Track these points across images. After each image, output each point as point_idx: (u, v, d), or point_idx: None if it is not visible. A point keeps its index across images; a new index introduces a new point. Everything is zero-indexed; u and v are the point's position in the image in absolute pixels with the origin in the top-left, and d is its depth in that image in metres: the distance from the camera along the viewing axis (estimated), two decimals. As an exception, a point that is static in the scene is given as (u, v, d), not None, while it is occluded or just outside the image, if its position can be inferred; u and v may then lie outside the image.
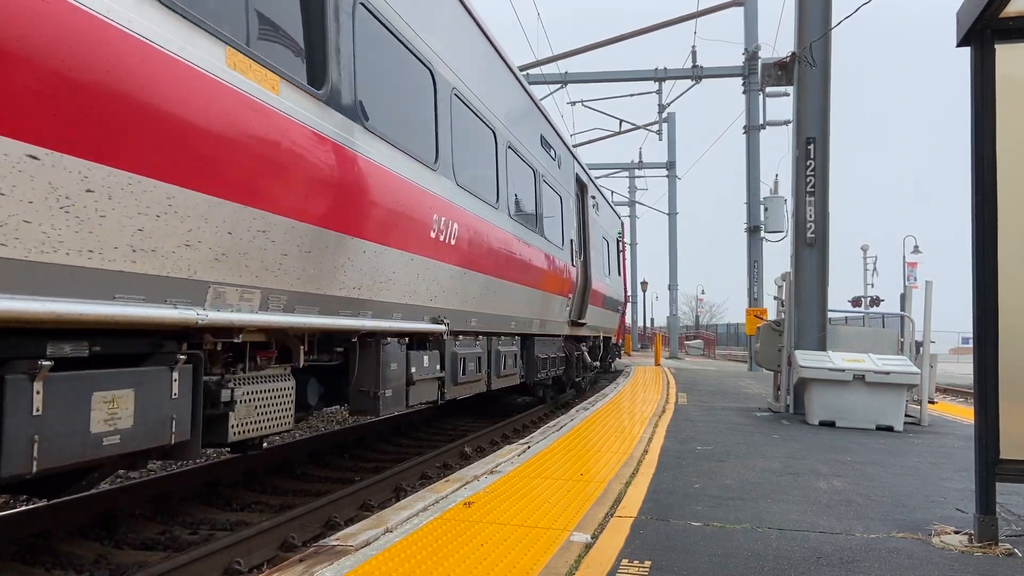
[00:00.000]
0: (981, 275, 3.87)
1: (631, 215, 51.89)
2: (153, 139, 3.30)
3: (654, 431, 8.18)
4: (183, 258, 3.58)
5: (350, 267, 5.09)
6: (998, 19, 3.82)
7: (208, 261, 3.74)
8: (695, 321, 74.46)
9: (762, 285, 23.50)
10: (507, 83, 9.43)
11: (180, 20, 3.49)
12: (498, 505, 4.56)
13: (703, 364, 31.72)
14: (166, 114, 3.35)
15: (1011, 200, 3.85)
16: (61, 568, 4.61)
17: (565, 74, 23.90)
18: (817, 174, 10.59)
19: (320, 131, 4.61)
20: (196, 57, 3.57)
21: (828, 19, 10.59)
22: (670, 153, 39.17)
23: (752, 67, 22.81)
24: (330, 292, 4.91)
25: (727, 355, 45.22)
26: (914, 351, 10.33)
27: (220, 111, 3.69)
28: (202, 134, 3.57)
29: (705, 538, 3.99)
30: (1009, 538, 4.06)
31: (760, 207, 23.01)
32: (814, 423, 9.04)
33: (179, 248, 3.54)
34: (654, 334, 47.69)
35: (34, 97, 2.75)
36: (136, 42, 3.21)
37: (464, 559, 3.49)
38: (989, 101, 3.87)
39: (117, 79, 3.09)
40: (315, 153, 4.54)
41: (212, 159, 3.65)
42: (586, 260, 14.35)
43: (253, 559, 4.82)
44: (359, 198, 5.11)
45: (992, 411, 3.83)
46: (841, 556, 3.72)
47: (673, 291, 41.86)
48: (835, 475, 5.89)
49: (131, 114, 3.18)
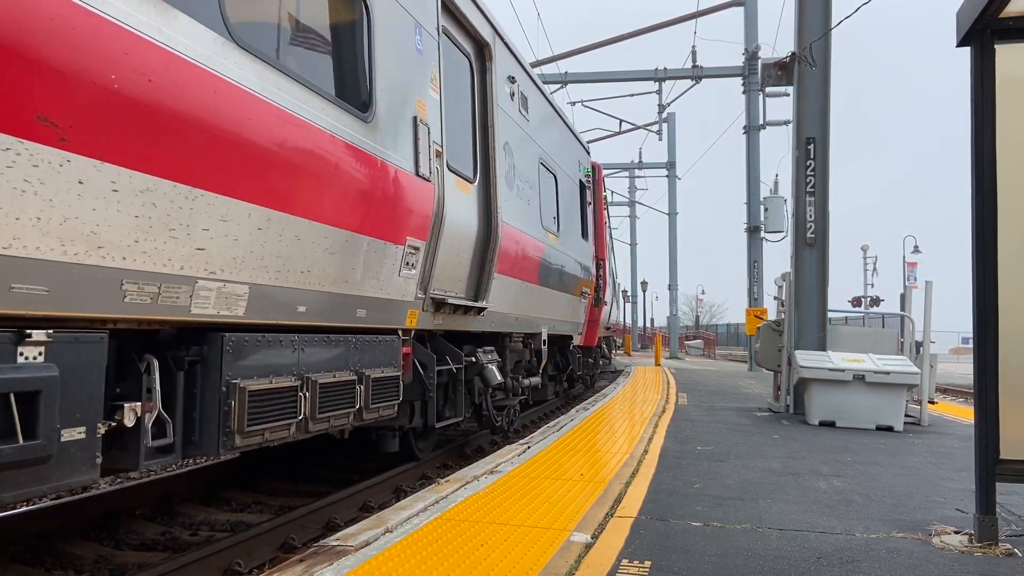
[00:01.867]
0: (981, 275, 3.87)
1: (631, 215, 51.94)
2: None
3: (654, 431, 8.18)
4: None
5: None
6: (998, 19, 3.82)
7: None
8: (695, 321, 74.47)
9: (762, 285, 23.50)
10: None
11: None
12: (498, 505, 4.56)
13: (703, 364, 31.71)
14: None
15: (1011, 200, 3.85)
16: (61, 568, 4.61)
17: (565, 74, 23.89)
18: (817, 174, 10.59)
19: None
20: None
21: (828, 19, 10.58)
22: (670, 153, 39.18)
23: (752, 67, 22.81)
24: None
25: (727, 355, 45.21)
26: (914, 351, 10.32)
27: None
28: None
29: (705, 538, 3.99)
30: (1009, 538, 4.06)
31: (760, 207, 23.01)
32: (814, 423, 9.04)
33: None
34: (654, 334, 47.70)
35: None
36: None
37: (464, 559, 3.49)
38: (989, 101, 3.86)
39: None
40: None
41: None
42: (487, 184, 7.71)
43: (253, 560, 4.81)
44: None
45: (992, 411, 3.82)
46: (841, 556, 3.72)
47: (673, 291, 41.86)
48: (835, 475, 5.89)
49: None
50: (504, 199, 7.94)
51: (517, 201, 8.62)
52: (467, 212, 7.03)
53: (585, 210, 13.33)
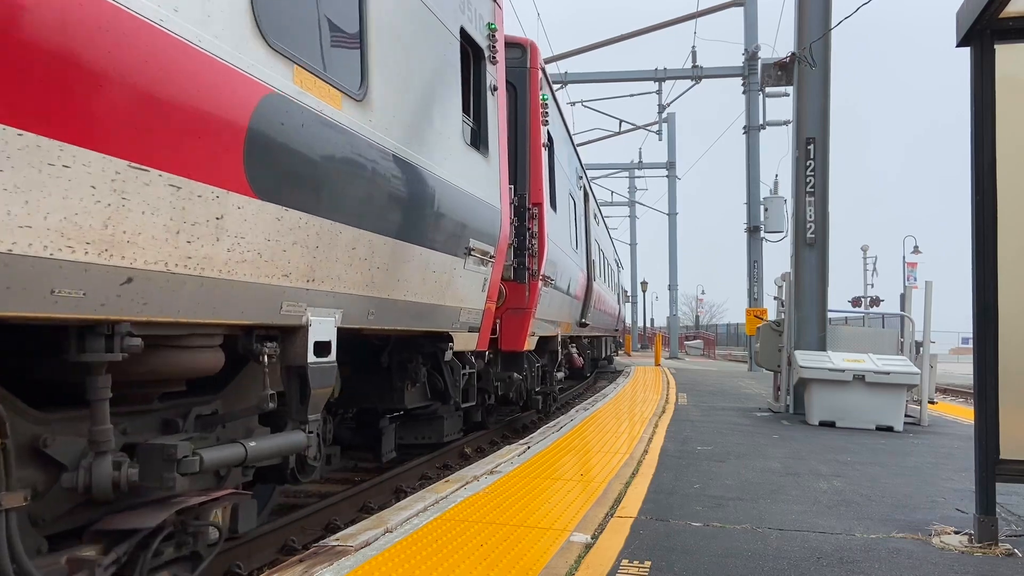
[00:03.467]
0: (981, 275, 3.87)
1: (631, 215, 51.94)
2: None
3: (654, 431, 8.18)
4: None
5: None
6: (998, 19, 3.82)
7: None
8: (695, 321, 74.47)
9: (762, 285, 23.49)
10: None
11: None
12: (498, 505, 4.56)
13: (703, 364, 31.71)
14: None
15: (1011, 200, 3.85)
16: (61, 569, 4.60)
17: (565, 74, 23.90)
18: (817, 174, 10.59)
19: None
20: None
21: (828, 19, 10.59)
22: (670, 153, 39.17)
23: (752, 67, 22.80)
24: None
25: (727, 355, 45.21)
26: (914, 351, 10.32)
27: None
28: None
29: (705, 538, 3.98)
30: (1009, 538, 4.06)
31: (760, 207, 22.99)
32: (814, 423, 9.04)
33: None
34: (654, 334, 47.69)
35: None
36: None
37: (464, 559, 3.49)
38: (989, 101, 3.86)
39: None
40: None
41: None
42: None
43: (253, 562, 4.81)
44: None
45: (992, 411, 3.82)
46: (841, 556, 3.72)
47: (673, 291, 41.86)
48: (835, 475, 5.89)
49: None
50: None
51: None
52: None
53: (479, 98, 6.86)
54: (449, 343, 6.27)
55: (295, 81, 3.66)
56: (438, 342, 6.24)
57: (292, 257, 3.73)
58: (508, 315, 8.69)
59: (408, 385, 6.19)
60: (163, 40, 2.82)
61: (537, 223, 9.02)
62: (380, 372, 6.12)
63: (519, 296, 8.76)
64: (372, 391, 6.15)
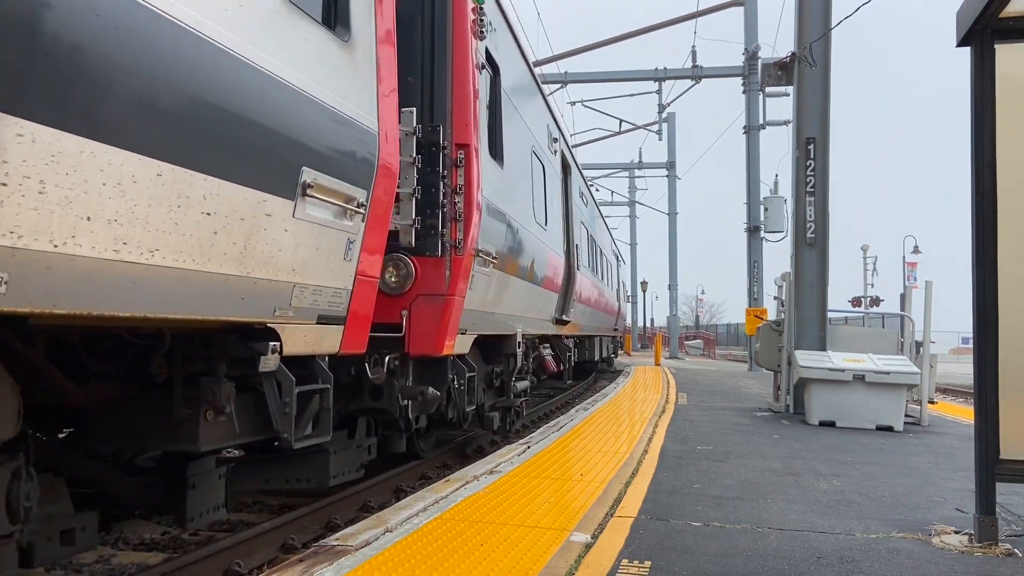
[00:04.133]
0: (981, 275, 3.87)
1: (631, 215, 51.94)
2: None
3: (654, 431, 8.18)
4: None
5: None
6: (998, 19, 3.82)
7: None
8: (695, 321, 74.51)
9: (762, 285, 23.49)
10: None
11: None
12: (498, 505, 4.56)
13: (703, 364, 31.72)
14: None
15: (1011, 200, 3.85)
16: (61, 568, 4.61)
17: (565, 74, 23.90)
18: (817, 174, 10.59)
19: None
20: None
21: (828, 19, 10.59)
22: (670, 153, 39.17)
23: (752, 67, 22.80)
24: None
25: (727, 355, 45.22)
26: (914, 351, 10.32)
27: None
28: None
29: (705, 538, 3.99)
30: (1009, 538, 4.06)
31: (760, 207, 22.99)
32: (814, 423, 9.04)
33: None
34: (654, 334, 47.71)
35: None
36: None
37: (464, 559, 3.49)
38: (989, 101, 3.86)
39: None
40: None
41: None
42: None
43: (253, 560, 4.81)
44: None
45: (992, 411, 3.82)
46: (841, 556, 3.72)
47: (673, 291, 41.87)
48: (835, 475, 5.89)
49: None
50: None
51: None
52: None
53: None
54: (273, 343, 3.77)
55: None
56: (251, 341, 3.76)
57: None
58: (420, 304, 5.94)
59: (204, 413, 3.88)
60: None
61: (464, 173, 6.12)
62: (153, 391, 3.87)
63: (435, 276, 5.96)
64: (139, 422, 3.96)
